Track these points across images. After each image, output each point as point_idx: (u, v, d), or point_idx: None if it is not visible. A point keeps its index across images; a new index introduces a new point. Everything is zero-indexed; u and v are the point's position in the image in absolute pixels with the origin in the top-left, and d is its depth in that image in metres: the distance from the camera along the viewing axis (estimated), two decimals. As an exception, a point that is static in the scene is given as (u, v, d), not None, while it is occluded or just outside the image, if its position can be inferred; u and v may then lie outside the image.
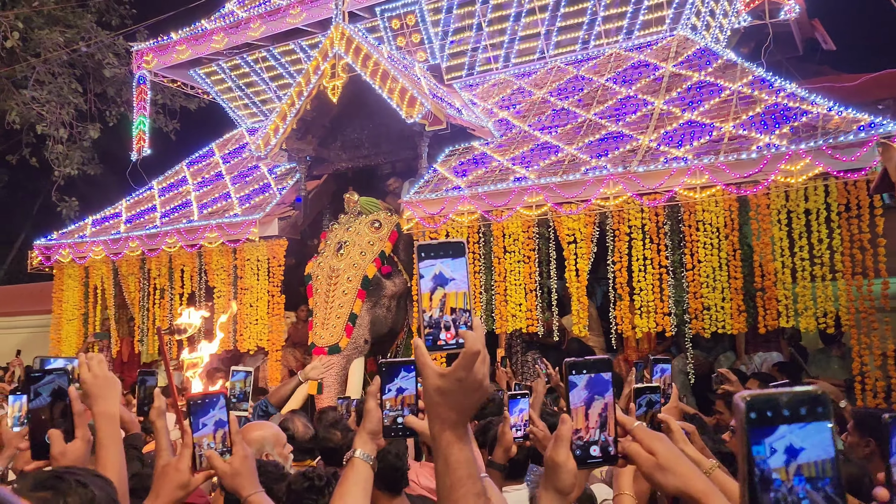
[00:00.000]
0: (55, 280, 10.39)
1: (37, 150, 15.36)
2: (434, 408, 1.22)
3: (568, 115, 8.13)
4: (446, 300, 1.22)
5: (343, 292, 7.41)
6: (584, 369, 1.28)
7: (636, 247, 6.57)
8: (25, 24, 14.18)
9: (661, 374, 2.82)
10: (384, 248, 7.68)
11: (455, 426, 1.21)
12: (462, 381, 1.18)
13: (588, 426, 1.28)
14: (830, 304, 5.87)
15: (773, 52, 9.44)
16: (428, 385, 1.22)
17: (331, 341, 7.24)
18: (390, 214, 8.00)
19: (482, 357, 1.18)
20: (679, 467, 1.25)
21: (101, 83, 15.69)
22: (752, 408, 0.73)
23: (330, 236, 7.96)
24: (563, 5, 9.16)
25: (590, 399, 1.28)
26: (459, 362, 1.18)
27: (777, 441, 0.73)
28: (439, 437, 1.22)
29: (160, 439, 2.34)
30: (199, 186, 10.54)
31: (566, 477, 1.26)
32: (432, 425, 1.23)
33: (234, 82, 11.69)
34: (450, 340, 1.21)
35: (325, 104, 8.40)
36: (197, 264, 9.15)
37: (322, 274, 7.58)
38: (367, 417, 1.76)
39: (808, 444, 0.73)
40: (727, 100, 7.09)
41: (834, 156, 5.72)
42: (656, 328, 6.53)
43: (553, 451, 1.27)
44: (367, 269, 7.50)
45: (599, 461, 1.29)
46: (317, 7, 9.89)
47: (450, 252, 1.23)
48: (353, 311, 7.38)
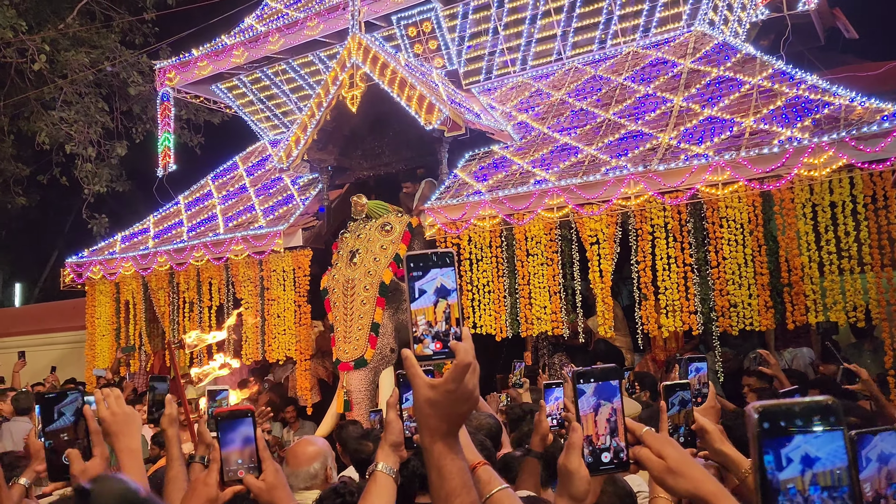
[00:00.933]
0: (87, 296, 10.59)
1: (66, 170, 15.68)
2: (425, 419, 1.23)
3: (587, 116, 8.11)
4: (451, 311, 1.23)
5: (361, 302, 7.25)
6: (591, 378, 1.30)
7: (659, 245, 6.53)
8: (52, 47, 14.47)
9: (696, 374, 2.77)
10: (398, 251, 7.46)
11: (446, 436, 1.23)
12: (452, 392, 1.20)
13: (598, 433, 1.29)
14: (860, 298, 5.78)
15: (794, 43, 9.33)
16: (418, 396, 1.24)
17: (355, 355, 7.09)
18: (400, 215, 7.86)
19: (473, 368, 1.20)
20: (690, 470, 1.26)
21: (126, 101, 15.96)
22: (764, 418, 0.73)
23: (341, 246, 7.81)
24: (578, 6, 9.14)
25: (598, 406, 1.29)
26: (450, 374, 1.20)
27: (792, 451, 0.73)
28: (431, 448, 1.23)
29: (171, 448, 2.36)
30: (224, 200, 10.69)
31: (580, 484, 1.28)
32: (423, 436, 1.25)
33: (256, 95, 11.84)
34: (438, 350, 1.23)
35: (345, 114, 8.47)
36: (224, 277, 9.27)
37: (338, 286, 7.43)
38: (388, 429, 1.78)
39: (822, 453, 0.72)
40: (747, 94, 7.03)
41: (858, 147, 5.64)
42: (683, 327, 6.48)
43: (565, 458, 1.29)
44: (382, 274, 7.30)
45: (612, 468, 1.30)
46: (333, 18, 9.98)
47: (440, 262, 1.24)
48: (374, 321, 7.21)
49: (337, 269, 7.57)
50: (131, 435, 1.84)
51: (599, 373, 1.30)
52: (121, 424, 1.83)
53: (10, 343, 12.90)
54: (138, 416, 1.88)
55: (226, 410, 1.84)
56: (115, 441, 1.81)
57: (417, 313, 1.24)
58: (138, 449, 1.85)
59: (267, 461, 1.72)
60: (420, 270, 1.24)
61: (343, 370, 7.09)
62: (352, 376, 7.03)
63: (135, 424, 1.86)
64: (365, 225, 7.75)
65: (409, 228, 7.66)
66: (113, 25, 16.14)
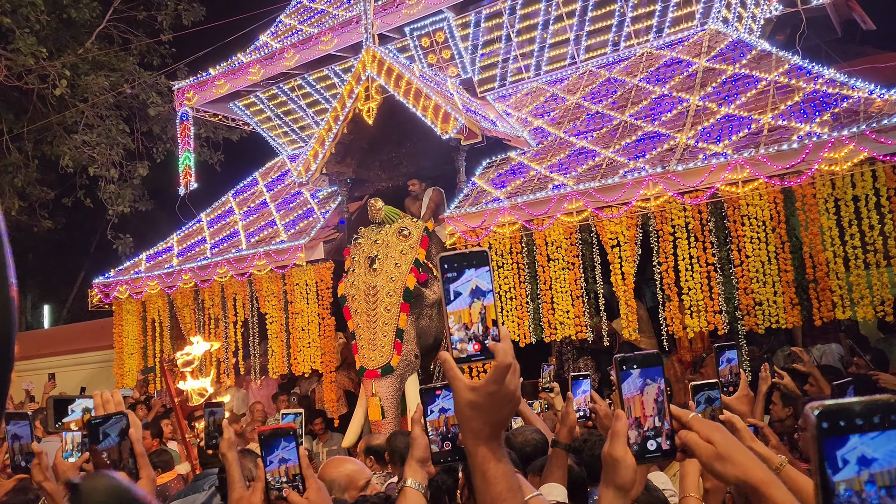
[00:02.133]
0: (114, 316, 10.74)
1: (90, 192, 15.94)
2: (467, 422, 1.22)
3: (603, 119, 8.10)
4: (486, 313, 1.21)
5: (385, 309, 7.17)
6: (634, 364, 1.28)
7: (681, 246, 6.49)
8: (72, 72, 14.74)
9: (728, 364, 2.77)
10: (418, 256, 7.43)
11: (489, 440, 1.21)
12: (493, 394, 1.18)
13: (645, 415, 1.27)
14: (887, 291, 5.71)
15: (811, 36, 9.25)
16: (459, 399, 1.22)
17: (382, 362, 7.05)
18: (415, 221, 7.83)
19: (513, 368, 1.18)
20: (738, 456, 1.24)
21: (146, 122, 16.21)
22: (823, 418, 0.71)
23: (356, 252, 7.71)
24: (590, 9, 9.14)
25: (642, 389, 1.27)
26: (491, 375, 1.18)
27: (849, 452, 0.70)
28: (475, 453, 1.22)
29: (232, 471, 2.39)
30: (245, 216, 10.80)
31: (626, 472, 1.25)
32: (466, 441, 1.24)
33: (273, 111, 11.96)
34: (477, 351, 1.21)
35: (362, 126, 8.53)
36: (248, 292, 9.36)
37: (358, 293, 7.35)
38: (415, 445, 1.76)
39: (880, 453, 0.70)
40: (764, 91, 6.98)
41: (879, 139, 5.58)
42: (708, 327, 6.43)
43: (610, 447, 1.26)
44: (406, 280, 7.24)
45: (658, 455, 1.28)
46: (347, 32, 10.07)
47: (474, 262, 1.22)
48: (398, 327, 7.14)
49: (356, 276, 7.49)
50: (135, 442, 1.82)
51: (642, 358, 1.28)
52: None
53: (40, 364, 13.10)
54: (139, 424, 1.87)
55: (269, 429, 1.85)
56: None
57: (453, 315, 1.22)
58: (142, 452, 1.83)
59: (310, 479, 1.73)
60: (454, 272, 1.22)
61: (370, 378, 7.03)
62: (381, 384, 7.00)
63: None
64: (380, 230, 7.70)
65: (426, 233, 7.64)
66: (131, 48, 16.41)
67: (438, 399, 1.73)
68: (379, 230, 7.72)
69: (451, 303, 1.23)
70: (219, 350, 9.48)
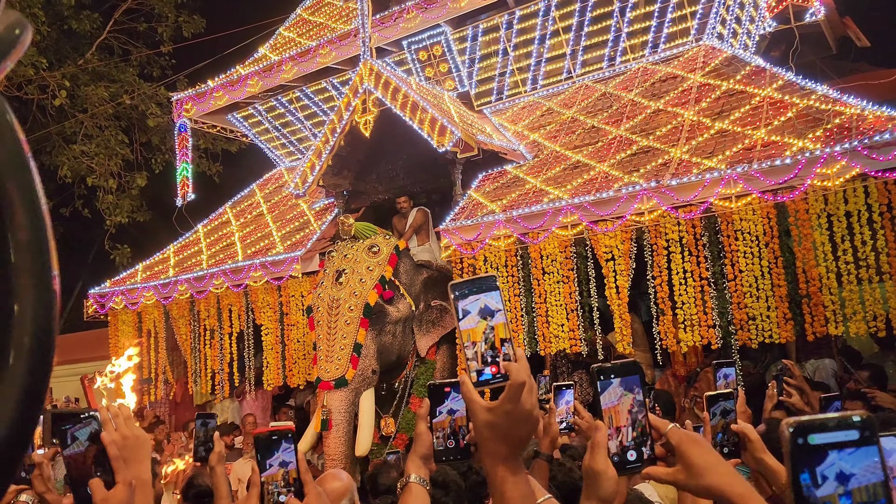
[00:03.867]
0: (110, 326, 10.72)
1: (88, 202, 15.97)
2: (485, 443, 1.22)
3: (598, 133, 8.14)
4: (495, 332, 1.23)
5: (345, 322, 7.12)
6: (611, 374, 1.28)
7: (675, 260, 6.52)
8: (72, 82, 14.82)
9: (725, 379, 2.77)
10: (384, 273, 7.40)
11: (507, 460, 1.21)
12: (510, 413, 1.18)
13: (623, 425, 1.27)
14: (880, 307, 5.73)
15: (806, 53, 9.33)
16: (477, 420, 1.22)
17: (336, 374, 6.96)
18: (388, 237, 7.83)
19: (528, 387, 1.18)
20: (719, 467, 1.23)
21: (145, 133, 16.27)
22: (798, 434, 0.71)
23: (328, 265, 7.72)
24: (586, 24, 9.21)
25: (619, 400, 1.27)
26: (506, 394, 1.18)
27: (828, 468, 0.70)
28: (493, 473, 1.22)
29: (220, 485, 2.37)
30: (242, 227, 10.82)
31: (608, 485, 1.24)
32: (485, 461, 1.23)
33: (271, 123, 12.01)
34: (495, 374, 1.21)
35: (359, 139, 8.57)
36: (244, 303, 9.36)
37: (322, 305, 7.33)
38: (419, 441, 1.71)
39: (857, 469, 0.70)
40: (758, 106, 7.03)
41: (871, 156, 5.62)
42: (702, 341, 6.44)
43: (591, 459, 1.25)
44: (368, 296, 7.20)
45: (638, 465, 1.28)
46: (345, 45, 10.13)
47: (484, 286, 1.24)
48: (357, 341, 7.08)
49: (322, 289, 7.48)
50: (140, 462, 1.64)
51: (619, 367, 1.29)
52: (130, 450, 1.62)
53: (36, 374, 13.04)
54: (149, 442, 1.70)
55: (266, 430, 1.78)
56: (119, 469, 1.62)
57: (465, 334, 1.23)
58: (148, 479, 1.66)
59: (309, 484, 1.69)
60: (464, 296, 1.24)
61: (323, 389, 6.95)
62: (332, 396, 6.90)
63: (145, 450, 1.66)
64: (352, 245, 7.70)
65: (395, 251, 7.60)
66: (131, 59, 16.50)
67: (448, 399, 1.66)
68: (352, 245, 7.72)
69: (462, 322, 1.24)
70: (214, 361, 9.49)
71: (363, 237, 7.81)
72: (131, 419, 1.68)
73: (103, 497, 1.53)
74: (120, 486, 1.55)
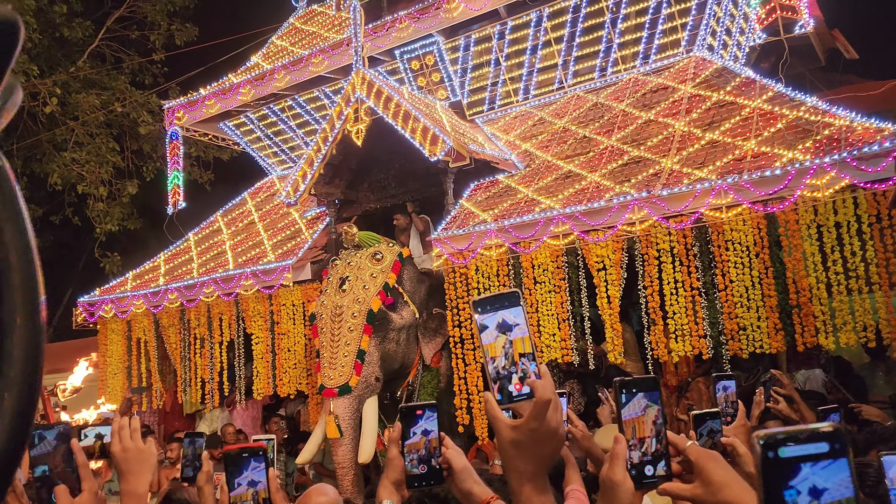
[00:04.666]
0: (99, 335, 10.66)
1: (79, 210, 15.90)
2: (511, 461, 1.21)
3: (590, 143, 8.17)
4: (513, 347, 1.22)
5: (349, 329, 7.15)
6: (633, 388, 1.29)
7: (666, 270, 6.53)
8: (63, 90, 14.77)
9: (724, 392, 2.74)
10: (388, 280, 7.44)
11: (534, 478, 1.21)
12: (535, 431, 1.18)
13: (641, 439, 1.27)
14: (869, 318, 5.76)
15: (795, 64, 9.39)
16: (502, 439, 1.21)
17: (340, 381, 6.99)
18: (391, 245, 7.88)
19: (554, 405, 1.18)
20: (737, 484, 1.22)
21: (136, 141, 16.23)
22: (769, 447, 0.69)
23: (331, 273, 7.75)
24: (578, 35, 9.26)
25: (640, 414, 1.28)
26: (531, 412, 1.18)
27: (801, 483, 0.69)
28: (519, 492, 1.21)
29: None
30: (233, 235, 10.78)
31: (625, 496, 1.23)
32: (511, 480, 1.23)
33: (263, 132, 12.00)
34: (520, 391, 1.21)
35: (351, 148, 8.57)
36: (234, 312, 9.31)
37: (326, 312, 7.35)
38: (390, 466, 1.67)
39: (830, 483, 0.69)
40: (748, 117, 7.07)
41: (860, 167, 5.66)
42: (692, 351, 6.45)
43: (609, 470, 1.25)
44: (371, 303, 7.24)
45: (655, 481, 1.27)
46: (337, 55, 10.15)
47: (505, 303, 1.24)
48: (360, 348, 7.11)
49: (326, 296, 7.51)
50: (141, 475, 1.66)
51: (641, 382, 1.30)
52: (132, 463, 1.64)
53: (24, 383, 12.94)
54: (154, 455, 1.70)
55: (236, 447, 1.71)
56: (121, 481, 1.65)
57: (486, 350, 1.23)
58: (145, 494, 1.67)
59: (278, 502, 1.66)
60: (484, 313, 1.24)
61: (327, 396, 6.98)
62: (338, 403, 6.92)
63: (147, 464, 1.67)
64: (356, 253, 7.75)
65: (399, 258, 7.67)
66: (123, 67, 16.47)
67: (420, 420, 1.63)
68: (355, 253, 7.78)
69: (490, 341, 1.24)
70: (205, 371, 9.43)
71: (366, 246, 7.83)
72: (137, 432, 1.67)
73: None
74: (86, 494, 1.53)
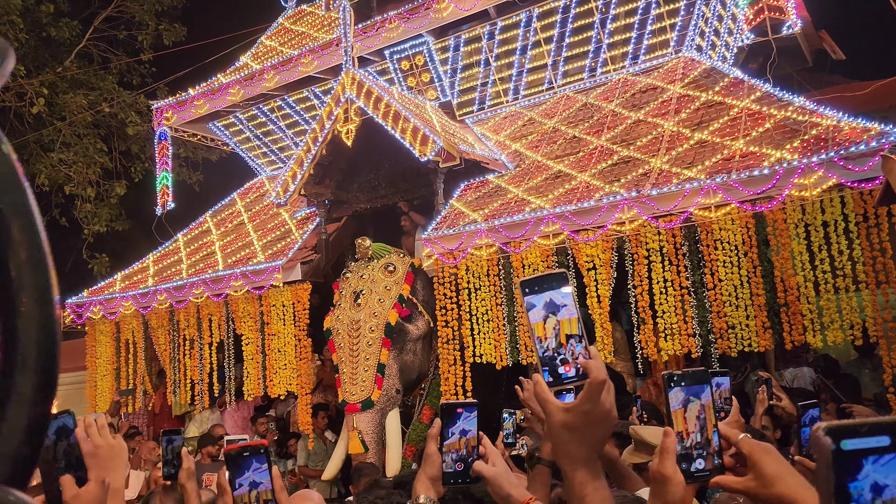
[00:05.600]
0: (87, 337, 10.59)
1: (66, 210, 15.79)
2: (563, 446, 1.18)
3: (579, 143, 8.19)
4: (560, 328, 1.19)
5: (367, 343, 7.21)
6: (682, 381, 1.28)
7: (656, 269, 6.56)
8: (50, 90, 14.68)
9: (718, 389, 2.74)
10: (402, 292, 7.51)
11: (587, 463, 1.18)
12: (589, 413, 1.15)
13: (688, 431, 1.26)
14: (856, 316, 5.80)
15: (783, 65, 9.45)
16: (553, 422, 1.18)
17: (362, 396, 7.06)
18: (402, 256, 7.93)
19: (608, 386, 1.16)
20: (791, 477, 1.21)
21: (125, 141, 16.14)
22: (838, 439, 0.65)
23: (344, 287, 7.80)
24: (567, 35, 9.28)
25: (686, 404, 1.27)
26: (585, 394, 1.16)
27: (864, 478, 0.65)
28: (573, 477, 1.18)
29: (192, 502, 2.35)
30: (223, 236, 10.74)
31: (676, 490, 1.22)
32: (563, 465, 1.20)
33: (252, 132, 11.96)
34: (568, 372, 1.18)
35: (341, 148, 8.56)
36: (224, 313, 9.28)
37: (343, 328, 7.41)
38: (428, 462, 1.67)
39: (891, 479, 0.65)
40: (736, 117, 7.12)
41: (847, 167, 5.70)
42: (682, 350, 6.48)
43: (660, 464, 1.24)
44: (388, 315, 7.29)
45: (706, 474, 1.25)
46: (327, 55, 10.13)
47: (553, 283, 1.21)
48: (380, 362, 7.18)
49: (341, 311, 7.55)
50: (115, 471, 1.64)
51: (690, 375, 1.28)
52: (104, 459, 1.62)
53: (11, 385, 12.85)
54: (125, 450, 1.69)
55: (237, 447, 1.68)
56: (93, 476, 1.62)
57: (535, 328, 1.20)
58: (121, 488, 1.67)
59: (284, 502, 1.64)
60: (532, 294, 1.21)
61: (350, 412, 7.04)
62: (360, 418, 6.99)
63: (119, 458, 1.66)
64: (367, 265, 7.76)
65: (412, 269, 7.71)
66: (110, 67, 16.38)
67: (459, 420, 1.60)
68: (367, 265, 7.78)
69: (538, 321, 1.21)
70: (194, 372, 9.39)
71: (378, 257, 7.84)
72: (105, 428, 1.67)
73: (74, 494, 1.50)
74: (92, 484, 1.53)
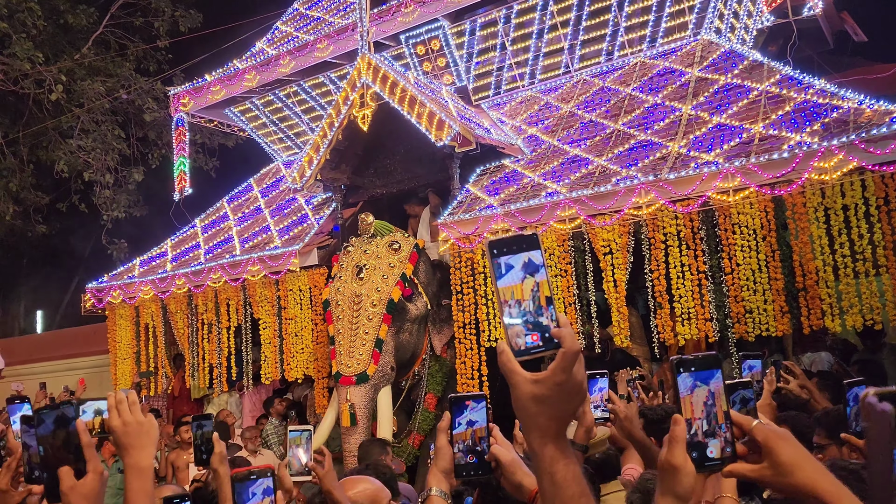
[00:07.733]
0: (108, 321, 10.72)
1: (85, 197, 15.94)
2: (531, 419, 1.12)
3: (596, 127, 8.15)
4: (540, 290, 1.11)
5: (368, 318, 7.17)
6: (692, 366, 1.24)
7: (673, 254, 6.53)
8: (68, 77, 14.76)
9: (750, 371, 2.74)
10: (405, 270, 7.46)
11: (557, 437, 1.12)
12: (562, 385, 1.09)
13: (697, 417, 1.21)
14: (876, 300, 5.76)
15: (803, 47, 9.33)
16: (521, 393, 1.11)
17: (358, 369, 7.02)
18: (406, 236, 7.90)
19: (580, 357, 1.10)
20: (808, 464, 1.17)
21: (142, 128, 16.23)
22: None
23: (344, 259, 7.73)
24: (584, 19, 9.21)
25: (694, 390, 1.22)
26: (558, 364, 1.09)
27: None
28: (541, 453, 1.12)
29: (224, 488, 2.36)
30: (239, 221, 10.81)
31: (686, 480, 1.17)
32: (531, 440, 1.13)
33: (268, 118, 11.99)
34: (536, 342, 1.10)
35: (357, 133, 8.57)
36: (242, 297, 9.36)
37: (343, 300, 7.36)
38: (439, 455, 1.66)
39: None
40: (755, 100, 7.04)
41: (868, 150, 5.63)
42: (699, 335, 6.46)
43: (669, 453, 1.19)
44: (391, 292, 7.27)
45: (718, 463, 1.21)
46: (343, 40, 10.12)
47: (524, 245, 1.13)
48: (379, 337, 7.15)
49: (342, 283, 7.50)
50: (143, 449, 1.61)
51: (700, 361, 1.24)
52: (132, 437, 1.60)
53: (34, 369, 13.08)
54: (155, 428, 1.66)
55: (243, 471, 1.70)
56: (124, 456, 1.61)
57: (504, 292, 1.10)
58: (149, 467, 1.63)
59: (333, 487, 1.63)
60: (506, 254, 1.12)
61: (344, 384, 7.00)
62: (354, 391, 6.95)
63: (149, 437, 1.63)
64: (371, 241, 7.73)
65: (416, 249, 7.68)
66: (128, 54, 16.45)
67: (467, 411, 1.59)
68: (370, 241, 7.75)
69: (516, 282, 1.11)
70: (212, 355, 9.49)
71: (381, 234, 7.83)
72: (136, 405, 1.65)
73: (70, 486, 1.48)
74: (90, 475, 1.50)
